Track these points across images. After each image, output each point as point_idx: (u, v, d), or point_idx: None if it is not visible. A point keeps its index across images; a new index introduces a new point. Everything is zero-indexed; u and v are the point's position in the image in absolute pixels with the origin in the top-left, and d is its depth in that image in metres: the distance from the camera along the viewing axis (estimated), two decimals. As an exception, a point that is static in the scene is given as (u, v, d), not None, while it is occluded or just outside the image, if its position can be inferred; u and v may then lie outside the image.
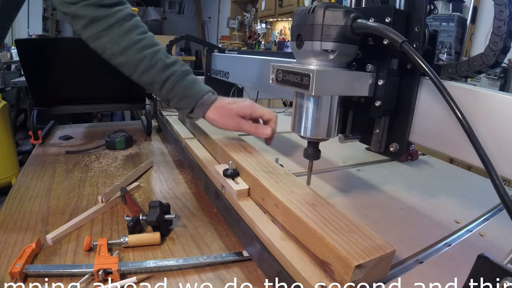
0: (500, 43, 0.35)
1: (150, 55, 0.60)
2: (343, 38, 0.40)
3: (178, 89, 0.61)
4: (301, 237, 0.39)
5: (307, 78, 0.39)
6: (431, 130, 0.41)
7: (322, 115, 0.44)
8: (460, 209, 0.57)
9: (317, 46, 0.40)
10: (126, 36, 0.59)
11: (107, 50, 0.60)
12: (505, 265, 0.23)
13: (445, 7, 2.28)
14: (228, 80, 0.99)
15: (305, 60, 0.43)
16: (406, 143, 0.44)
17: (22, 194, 0.66)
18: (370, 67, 0.43)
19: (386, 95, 0.43)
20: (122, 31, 0.59)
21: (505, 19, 0.34)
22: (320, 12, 0.39)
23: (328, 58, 0.41)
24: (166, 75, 0.60)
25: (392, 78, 0.43)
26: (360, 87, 0.43)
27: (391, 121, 0.45)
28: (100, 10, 0.57)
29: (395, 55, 0.42)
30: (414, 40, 0.40)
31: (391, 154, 0.46)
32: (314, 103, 0.44)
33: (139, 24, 0.62)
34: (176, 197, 0.68)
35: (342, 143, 0.48)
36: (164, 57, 0.61)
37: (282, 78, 0.44)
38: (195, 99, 0.61)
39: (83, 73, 1.03)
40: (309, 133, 0.45)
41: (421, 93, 0.42)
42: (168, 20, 6.08)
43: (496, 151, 0.34)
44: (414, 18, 0.40)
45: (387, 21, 0.39)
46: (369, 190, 0.62)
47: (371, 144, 0.47)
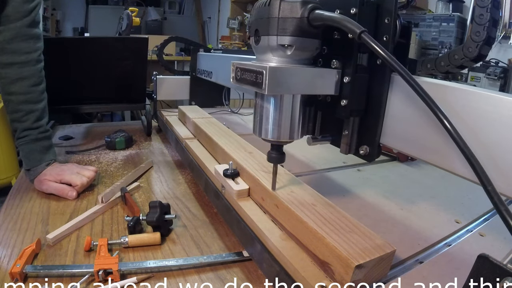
0: (483, 33, 0.32)
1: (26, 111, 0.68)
2: (300, 31, 0.36)
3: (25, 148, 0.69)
4: (301, 237, 0.39)
5: (260, 76, 0.36)
6: (404, 131, 0.37)
7: (283, 116, 0.40)
8: (460, 209, 0.57)
9: (273, 41, 0.37)
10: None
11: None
12: (505, 265, 0.23)
13: (445, 7, 2.28)
14: (211, 79, 0.97)
15: (263, 57, 0.39)
16: (377, 146, 0.41)
17: (22, 194, 0.66)
18: (335, 63, 0.40)
19: (353, 94, 0.39)
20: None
21: (487, 6, 0.31)
22: (276, 4, 0.36)
23: (285, 53, 0.37)
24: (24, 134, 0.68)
25: (360, 75, 0.39)
26: (323, 85, 0.40)
27: (361, 122, 0.42)
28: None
29: (363, 50, 0.38)
30: (384, 33, 0.37)
31: (363, 157, 0.43)
32: (273, 103, 0.40)
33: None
34: (176, 197, 0.68)
35: (311, 145, 0.45)
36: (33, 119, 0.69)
37: (240, 77, 0.40)
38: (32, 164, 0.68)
39: (83, 73, 1.03)
40: (270, 135, 0.41)
41: (392, 91, 0.38)
42: (168, 20, 6.07)
43: (481, 153, 0.29)
44: (384, 9, 0.37)
45: (352, 13, 0.37)
46: (369, 190, 0.62)
47: (340, 147, 0.44)
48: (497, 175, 0.29)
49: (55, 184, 0.65)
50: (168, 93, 1.15)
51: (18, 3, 0.63)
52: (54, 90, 0.77)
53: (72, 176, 0.66)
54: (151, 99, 1.14)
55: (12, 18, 0.63)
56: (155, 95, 1.11)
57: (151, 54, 3.55)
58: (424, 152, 0.36)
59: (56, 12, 5.28)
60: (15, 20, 0.63)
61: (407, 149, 0.38)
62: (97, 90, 1.09)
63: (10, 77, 0.65)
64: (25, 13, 0.64)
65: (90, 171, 0.69)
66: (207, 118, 0.86)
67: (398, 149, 0.39)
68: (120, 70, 1.06)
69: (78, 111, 1.07)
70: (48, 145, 0.71)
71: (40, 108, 0.69)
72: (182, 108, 0.98)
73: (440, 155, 0.33)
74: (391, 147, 0.40)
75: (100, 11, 5.52)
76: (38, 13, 0.68)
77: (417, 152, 0.37)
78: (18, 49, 0.65)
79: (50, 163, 0.69)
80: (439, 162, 0.34)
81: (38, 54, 0.69)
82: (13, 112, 0.67)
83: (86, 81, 1.05)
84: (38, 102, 0.69)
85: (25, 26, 0.65)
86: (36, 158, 0.68)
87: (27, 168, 0.68)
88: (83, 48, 1.01)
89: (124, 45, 1.06)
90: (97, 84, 1.07)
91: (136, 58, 1.06)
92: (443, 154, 0.33)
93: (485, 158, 0.29)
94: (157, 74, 1.10)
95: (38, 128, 0.69)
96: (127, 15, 1.56)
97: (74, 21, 5.84)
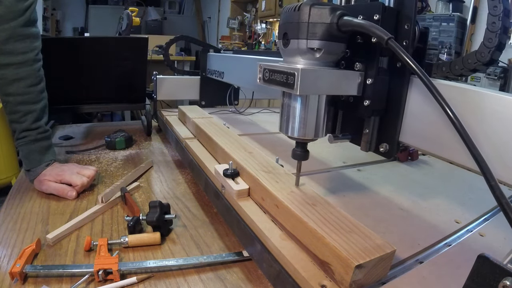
0: (495, 40, 0.34)
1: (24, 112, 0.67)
2: (329, 36, 0.39)
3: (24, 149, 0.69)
4: (301, 237, 0.39)
5: (292, 77, 0.38)
6: (422, 130, 0.40)
7: (309, 115, 0.43)
8: (460, 209, 0.57)
9: (303, 44, 0.39)
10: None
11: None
12: (505, 265, 0.23)
13: (445, 7, 2.28)
14: (223, 80, 0.99)
15: (291, 59, 0.42)
16: (396, 144, 0.43)
17: (22, 194, 0.66)
18: (359, 66, 0.42)
19: (375, 95, 0.42)
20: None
21: (499, 15, 0.33)
22: (306, 10, 0.38)
23: (314, 56, 0.40)
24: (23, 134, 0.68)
25: (381, 77, 0.42)
26: (348, 86, 0.42)
27: (381, 121, 0.45)
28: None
29: (384, 54, 0.41)
30: (404, 38, 0.40)
31: (382, 154, 0.45)
32: (301, 103, 0.43)
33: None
34: (176, 197, 0.68)
35: (332, 143, 0.47)
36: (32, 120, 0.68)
37: (268, 78, 0.43)
38: (32, 165, 0.68)
39: (83, 73, 1.03)
40: (296, 133, 0.44)
41: (411, 92, 0.41)
42: (168, 20, 6.08)
43: (492, 153, 0.33)
44: (404, 15, 0.39)
45: (376, 19, 0.39)
46: (369, 190, 0.62)
47: (360, 144, 0.46)
48: (505, 173, 0.32)
49: (55, 184, 0.65)
50: (175, 93, 1.15)
51: (11, 3, 0.62)
52: (54, 90, 0.77)
53: (72, 176, 0.66)
54: (151, 99, 1.14)
55: (6, 18, 0.62)
56: (155, 95, 1.11)
57: (151, 54, 3.56)
58: (441, 149, 0.38)
59: (56, 12, 5.28)
60: (9, 20, 0.62)
61: (424, 147, 0.40)
62: (97, 90, 1.09)
63: (7, 78, 0.64)
64: (20, 13, 0.63)
65: (90, 171, 0.69)
66: (207, 118, 0.86)
67: (416, 146, 0.42)
68: (120, 70, 1.06)
69: (78, 111, 1.07)
70: (48, 145, 0.71)
71: (39, 108, 0.69)
72: (182, 108, 0.98)
73: (455, 151, 0.36)
74: (409, 144, 0.43)
75: (100, 11, 5.52)
76: (34, 11, 0.66)
77: (434, 149, 0.39)
78: (13, 49, 0.64)
79: (50, 163, 0.69)
80: (455, 158, 0.37)
81: (35, 54, 0.68)
82: (11, 113, 0.67)
83: (86, 81, 1.05)
84: (37, 103, 0.69)
85: (20, 26, 0.63)
86: (35, 158, 0.68)
87: (27, 169, 0.68)
88: (83, 48, 1.01)
89: (124, 45, 1.06)
90: (97, 84, 1.07)
91: (136, 58, 1.06)
92: (458, 151, 0.35)
93: (493, 155, 0.32)
94: (157, 74, 1.10)
95: (37, 128, 0.69)
96: (127, 15, 1.56)
97: (74, 21, 5.84)
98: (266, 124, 1.10)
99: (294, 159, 0.47)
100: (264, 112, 1.31)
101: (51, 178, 0.66)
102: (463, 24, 2.23)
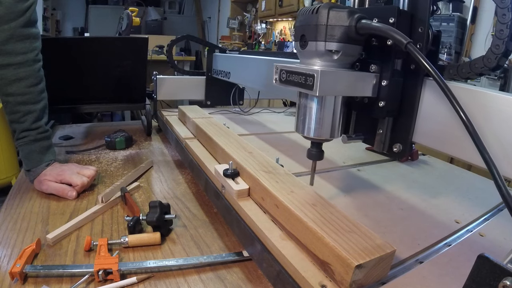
0: (502, 46, 0.35)
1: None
2: (347, 38, 0.40)
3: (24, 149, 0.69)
4: (301, 237, 0.39)
5: (311, 79, 0.39)
6: (434, 130, 0.41)
7: (325, 115, 0.44)
8: (460, 209, 0.57)
9: (321, 46, 0.40)
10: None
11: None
12: (505, 265, 0.23)
13: (445, 7, 2.28)
14: (229, 80, 0.99)
15: (309, 61, 0.43)
16: (409, 144, 0.44)
17: (22, 194, 0.66)
18: (374, 68, 0.43)
19: (390, 96, 0.43)
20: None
21: (507, 23, 0.34)
22: (324, 13, 0.39)
23: (332, 58, 0.41)
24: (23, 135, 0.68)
25: (396, 79, 0.43)
26: (363, 88, 0.43)
27: (395, 121, 0.45)
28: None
29: (398, 56, 0.42)
30: (417, 41, 0.40)
31: (394, 154, 0.46)
32: (317, 104, 0.44)
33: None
34: (176, 197, 0.68)
35: (346, 143, 0.48)
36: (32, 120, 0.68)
37: (285, 79, 0.44)
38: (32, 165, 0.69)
39: (83, 73, 1.03)
40: (312, 133, 0.45)
41: (425, 93, 0.42)
42: (168, 20, 6.08)
43: (499, 152, 0.34)
44: (418, 18, 0.40)
45: (391, 22, 0.40)
46: (369, 190, 0.62)
47: (374, 145, 0.47)
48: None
49: (55, 184, 0.65)
50: (175, 93, 1.15)
51: (11, 3, 0.62)
52: (54, 90, 0.77)
53: (72, 176, 0.66)
54: (151, 99, 1.14)
55: (6, 19, 0.62)
56: (155, 95, 1.11)
57: (151, 54, 3.56)
58: (453, 148, 0.39)
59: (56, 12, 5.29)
60: (9, 21, 0.62)
61: (437, 146, 0.41)
62: (97, 90, 1.09)
63: (7, 79, 0.64)
64: (19, 13, 0.63)
65: (91, 171, 0.69)
66: (207, 118, 0.86)
67: (429, 146, 0.42)
68: (120, 70, 1.06)
69: (78, 111, 1.07)
70: (48, 145, 0.71)
71: (39, 108, 0.69)
72: (182, 108, 0.98)
73: (467, 151, 0.37)
74: (422, 144, 0.43)
75: (100, 11, 5.52)
76: (34, 12, 0.66)
77: (447, 149, 0.40)
78: (13, 50, 0.64)
79: (50, 163, 0.69)
80: (467, 157, 0.38)
81: (35, 54, 0.68)
82: (11, 113, 0.67)
83: (86, 81, 1.05)
84: (37, 103, 0.69)
85: (20, 27, 0.63)
86: (35, 158, 0.68)
87: (27, 169, 0.68)
88: (83, 48, 1.01)
89: (124, 45, 1.06)
90: (97, 84, 1.07)
91: (136, 58, 1.06)
92: (469, 150, 0.36)
93: (499, 153, 0.33)
94: (157, 74, 1.10)
95: (37, 128, 0.69)
96: (127, 15, 1.56)
97: (74, 21, 5.84)
98: (269, 124, 1.11)
99: (309, 159, 0.48)
100: (264, 112, 1.32)
101: (51, 178, 0.66)
102: (463, 24, 2.23)
